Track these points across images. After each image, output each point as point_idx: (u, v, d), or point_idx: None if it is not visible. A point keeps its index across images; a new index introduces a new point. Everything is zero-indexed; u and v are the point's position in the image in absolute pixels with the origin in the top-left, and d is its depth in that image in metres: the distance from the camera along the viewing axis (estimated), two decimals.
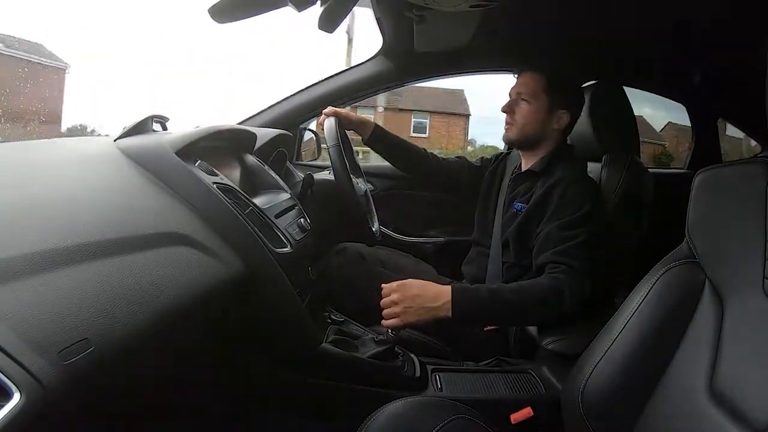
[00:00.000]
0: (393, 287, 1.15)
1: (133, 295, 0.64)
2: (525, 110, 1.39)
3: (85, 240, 0.64)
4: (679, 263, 0.80)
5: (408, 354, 1.18)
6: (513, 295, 1.15)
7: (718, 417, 0.67)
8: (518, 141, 1.42)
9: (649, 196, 1.37)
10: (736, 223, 0.75)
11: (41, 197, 0.70)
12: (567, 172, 1.32)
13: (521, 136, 1.41)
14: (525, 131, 1.40)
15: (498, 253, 1.41)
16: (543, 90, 1.37)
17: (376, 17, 1.55)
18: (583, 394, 0.83)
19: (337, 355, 1.08)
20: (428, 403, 0.94)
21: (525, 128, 1.39)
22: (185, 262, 0.78)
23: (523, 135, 1.40)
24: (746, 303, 0.70)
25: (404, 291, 1.14)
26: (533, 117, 1.38)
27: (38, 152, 0.97)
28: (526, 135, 1.40)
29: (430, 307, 1.13)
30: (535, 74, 1.39)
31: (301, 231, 1.20)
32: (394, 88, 1.95)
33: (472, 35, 1.62)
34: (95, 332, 0.55)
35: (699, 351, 0.74)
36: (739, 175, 0.77)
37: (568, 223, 1.23)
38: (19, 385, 0.45)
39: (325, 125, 1.36)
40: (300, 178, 1.48)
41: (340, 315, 1.30)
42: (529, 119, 1.39)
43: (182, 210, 0.90)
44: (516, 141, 1.43)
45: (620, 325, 0.83)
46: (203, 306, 0.79)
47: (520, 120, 1.39)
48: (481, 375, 1.17)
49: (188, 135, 1.05)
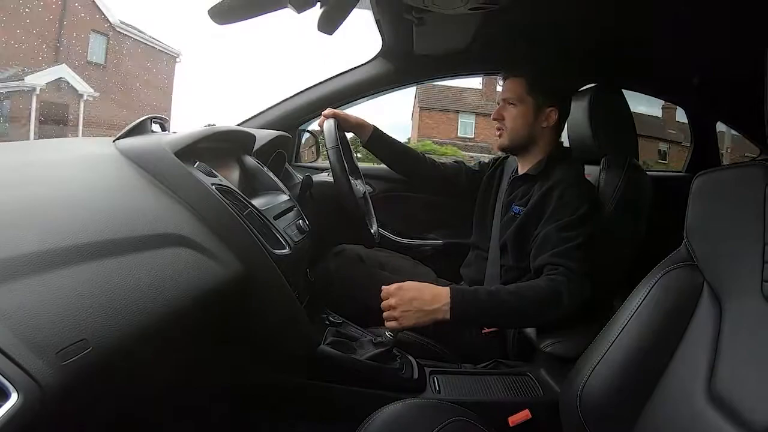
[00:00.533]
0: (391, 290, 1.14)
1: (132, 296, 0.64)
2: (513, 114, 1.40)
3: (84, 241, 0.64)
4: (678, 266, 0.81)
5: (406, 356, 1.18)
6: (511, 296, 1.15)
7: (716, 419, 0.67)
8: (511, 146, 1.43)
9: (647, 198, 1.37)
10: (734, 226, 0.75)
11: (40, 198, 0.70)
12: (564, 175, 1.32)
13: (513, 141, 1.42)
14: (515, 134, 1.41)
15: (496, 257, 1.41)
16: (527, 92, 1.39)
17: (376, 19, 1.55)
18: (581, 396, 0.83)
19: (335, 356, 1.08)
20: (426, 405, 0.94)
21: (515, 131, 1.40)
22: (184, 263, 0.78)
23: (515, 139, 1.41)
24: (745, 306, 0.71)
25: (401, 294, 1.13)
26: (522, 119, 1.39)
27: (37, 152, 0.97)
28: (517, 138, 1.41)
29: (428, 310, 1.12)
30: (517, 78, 1.41)
31: (299, 232, 1.20)
32: (394, 90, 1.95)
33: (472, 38, 1.62)
34: (93, 333, 0.54)
35: (697, 354, 0.74)
36: (737, 178, 0.77)
37: (566, 225, 1.23)
38: (17, 385, 0.45)
39: (325, 127, 1.37)
40: (299, 180, 1.48)
41: (339, 317, 1.30)
42: (518, 122, 1.40)
43: (181, 211, 0.90)
44: (509, 146, 1.43)
45: (618, 328, 0.83)
46: (201, 307, 0.79)
47: (509, 124, 1.41)
48: (479, 377, 1.17)
49: (187, 136, 1.05)
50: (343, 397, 1.06)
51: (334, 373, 1.07)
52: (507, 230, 1.38)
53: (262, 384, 1.05)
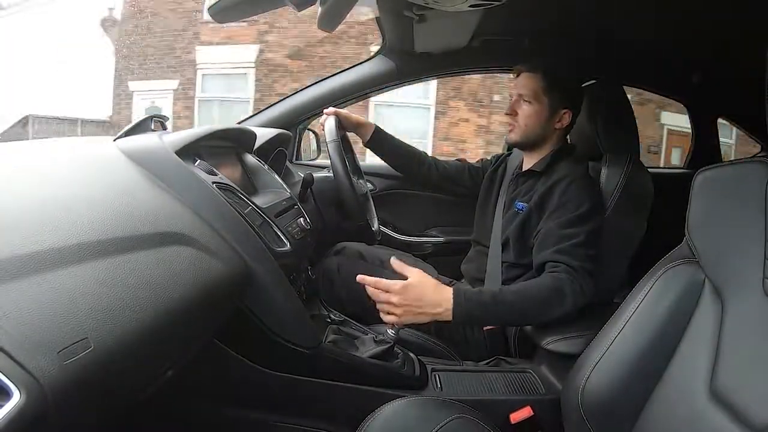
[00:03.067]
0: (396, 289, 1.12)
1: (133, 295, 0.64)
2: (527, 112, 1.38)
3: (85, 239, 0.64)
4: (679, 263, 0.81)
5: (408, 354, 1.17)
6: (515, 296, 1.15)
7: (718, 417, 0.67)
8: (521, 142, 1.42)
9: (649, 195, 1.37)
10: (735, 223, 0.75)
11: (41, 197, 0.70)
12: (568, 171, 1.32)
13: (524, 138, 1.41)
14: (528, 132, 1.40)
15: (497, 253, 1.41)
16: (543, 91, 1.37)
17: (376, 17, 1.55)
18: (582, 393, 0.83)
19: (336, 354, 1.08)
20: (428, 402, 0.94)
21: (528, 130, 1.39)
22: (185, 261, 0.78)
23: (526, 136, 1.40)
24: (746, 303, 0.70)
25: (405, 294, 1.11)
26: (536, 118, 1.38)
27: (37, 152, 0.97)
28: (529, 136, 1.40)
29: (430, 312, 1.12)
30: (533, 74, 1.38)
31: (300, 231, 1.20)
32: (395, 87, 1.95)
33: (472, 35, 1.62)
34: (95, 332, 0.54)
35: (699, 351, 0.74)
36: (738, 174, 0.77)
37: (568, 222, 1.23)
38: (19, 385, 0.45)
39: (326, 124, 1.37)
40: (299, 178, 1.48)
41: (340, 315, 1.30)
42: (532, 121, 1.38)
43: (182, 209, 0.89)
44: (519, 142, 1.43)
45: (620, 325, 0.83)
46: (203, 305, 0.79)
47: (522, 121, 1.39)
48: (481, 375, 1.17)
49: (188, 134, 1.05)
50: (344, 395, 1.06)
51: (335, 371, 1.07)
52: (509, 226, 1.37)
53: (263, 382, 1.05)
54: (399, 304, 1.11)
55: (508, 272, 1.37)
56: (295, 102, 1.89)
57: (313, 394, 1.06)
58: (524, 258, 1.33)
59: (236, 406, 1.06)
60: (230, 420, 1.06)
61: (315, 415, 1.08)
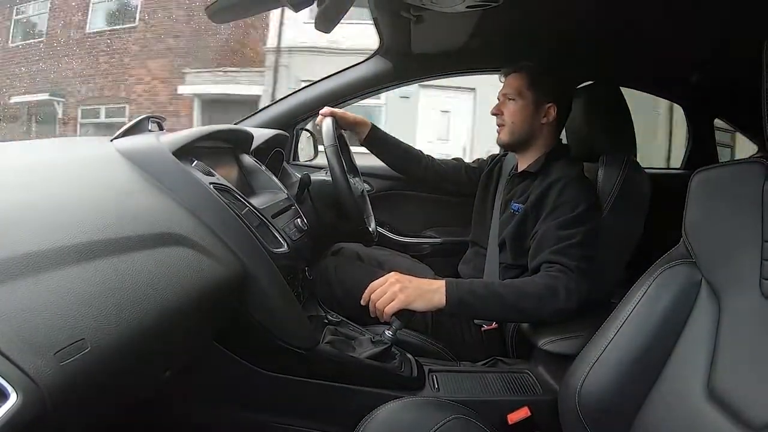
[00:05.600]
0: (389, 275, 1.15)
1: (130, 296, 0.64)
2: (512, 108, 1.41)
3: (82, 240, 0.63)
4: (676, 263, 0.81)
5: (405, 354, 1.17)
6: (506, 289, 1.15)
7: (715, 416, 0.68)
8: (511, 142, 1.43)
9: (646, 196, 1.37)
10: (732, 224, 0.75)
11: (37, 197, 0.70)
12: (564, 172, 1.32)
13: (513, 136, 1.42)
14: (515, 130, 1.41)
15: (495, 254, 1.41)
16: (526, 87, 1.39)
17: (373, 17, 1.55)
18: (580, 394, 0.83)
19: (333, 355, 1.08)
20: (425, 403, 0.94)
21: (514, 127, 1.41)
22: (182, 262, 0.78)
23: (514, 134, 1.41)
24: (743, 303, 0.71)
25: (399, 275, 1.14)
26: (521, 114, 1.40)
27: (35, 152, 0.97)
28: (517, 134, 1.41)
29: (427, 289, 1.12)
30: (518, 73, 1.41)
31: (297, 231, 1.20)
32: (392, 88, 1.95)
33: (469, 36, 1.62)
34: (92, 333, 0.54)
35: (696, 351, 0.74)
36: (735, 175, 0.77)
37: (564, 223, 1.23)
38: (16, 386, 0.45)
39: (323, 126, 1.36)
40: (297, 179, 1.48)
41: (337, 315, 1.29)
42: (517, 116, 1.40)
43: (179, 210, 0.89)
44: (509, 142, 1.43)
45: (617, 325, 0.83)
46: (200, 306, 0.79)
47: (508, 119, 1.41)
48: (478, 375, 1.17)
49: (185, 135, 1.04)
50: (342, 396, 1.06)
51: (332, 372, 1.07)
52: (506, 227, 1.38)
53: (260, 383, 1.04)
54: (396, 280, 1.13)
55: (506, 273, 1.37)
56: (292, 103, 1.89)
57: (310, 395, 1.06)
58: (521, 259, 1.33)
59: (233, 407, 1.06)
60: (227, 421, 1.06)
61: (312, 416, 1.08)
